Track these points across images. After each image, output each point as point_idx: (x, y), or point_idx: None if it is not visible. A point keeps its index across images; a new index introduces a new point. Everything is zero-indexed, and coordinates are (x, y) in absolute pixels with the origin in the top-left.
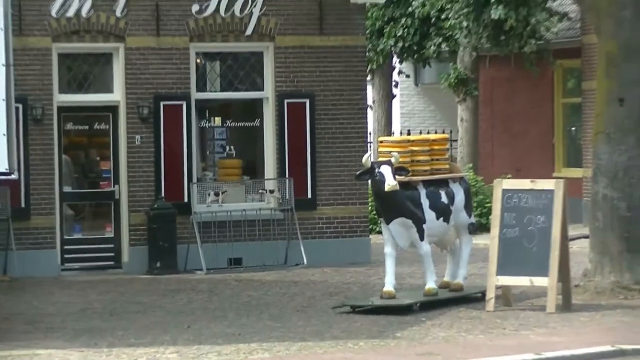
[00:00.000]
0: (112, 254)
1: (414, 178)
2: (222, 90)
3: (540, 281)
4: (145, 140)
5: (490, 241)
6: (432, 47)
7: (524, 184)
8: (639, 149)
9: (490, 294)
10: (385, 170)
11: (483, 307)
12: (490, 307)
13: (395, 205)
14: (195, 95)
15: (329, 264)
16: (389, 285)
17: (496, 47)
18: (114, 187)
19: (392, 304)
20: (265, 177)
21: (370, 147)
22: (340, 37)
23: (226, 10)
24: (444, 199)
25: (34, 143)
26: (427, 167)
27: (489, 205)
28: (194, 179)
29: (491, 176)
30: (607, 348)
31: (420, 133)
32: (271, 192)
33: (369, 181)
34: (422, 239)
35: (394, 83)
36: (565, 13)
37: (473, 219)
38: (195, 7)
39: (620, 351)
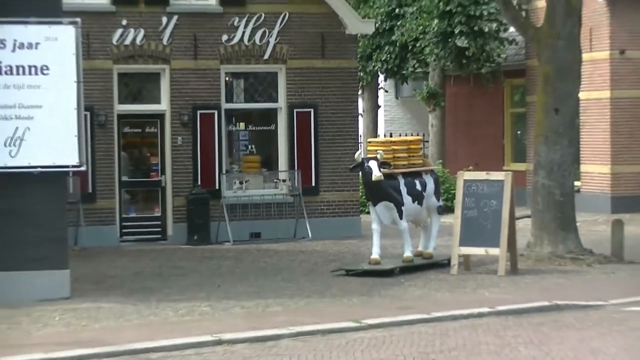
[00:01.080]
0: (159, 229)
1: (395, 170)
2: (246, 101)
3: (493, 251)
4: (185, 140)
5: (454, 220)
6: (409, 69)
7: (481, 175)
8: (569, 148)
9: (454, 261)
10: (373, 164)
11: (448, 272)
12: (454, 271)
13: (380, 192)
14: (224, 105)
15: (328, 238)
16: (375, 254)
17: (459, 69)
18: (160, 177)
19: (378, 268)
20: (279, 170)
21: (360, 146)
22: (338, 60)
23: (249, 39)
24: (418, 186)
25: (98, 143)
26: (405, 162)
27: (453, 191)
28: (223, 171)
29: (455, 169)
30: (545, 303)
31: (400, 135)
32: (283, 181)
33: (360, 173)
34: (401, 218)
35: (379, 97)
36: (513, 39)
37: (441, 203)
38: (224, 37)
39: (555, 306)
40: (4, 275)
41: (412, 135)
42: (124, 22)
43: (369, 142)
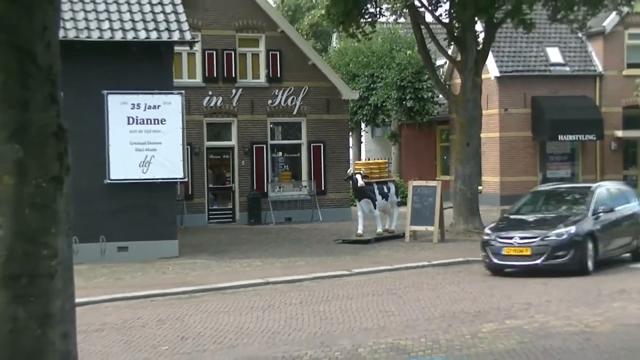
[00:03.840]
0: (231, 216)
1: (371, 180)
2: (282, 139)
3: (430, 228)
4: (246, 163)
5: (406, 209)
6: (379, 120)
7: (422, 183)
8: (475, 167)
9: (407, 234)
10: (358, 177)
11: (404, 240)
12: (407, 240)
13: (362, 193)
14: (269, 141)
15: (332, 221)
16: (359, 230)
17: (409, 120)
18: (231, 184)
19: (361, 239)
20: (302, 180)
21: (350, 165)
22: (336, 115)
23: (284, 102)
24: (385, 190)
25: (195, 164)
26: (377, 175)
27: (406, 193)
28: (269, 181)
29: (407, 179)
30: (461, 259)
31: (374, 159)
32: (305, 186)
33: (350, 182)
34: (375, 208)
35: (362, 136)
36: (442, 102)
37: (399, 199)
38: (269, 101)
39: (467, 260)
40: (142, 243)
41: (381, 159)
42: (210, 92)
43: (356, 164)
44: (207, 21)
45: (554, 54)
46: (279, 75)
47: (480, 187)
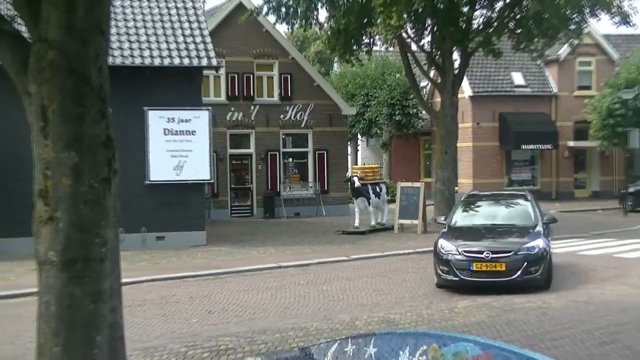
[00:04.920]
0: (249, 211)
1: (366, 182)
2: (292, 147)
3: (415, 221)
4: (262, 167)
5: (395, 206)
6: (373, 132)
7: (408, 183)
8: (452, 171)
9: (396, 227)
10: (355, 179)
11: (393, 232)
12: (396, 232)
13: (359, 192)
14: (282, 149)
15: (333, 215)
16: (356, 223)
17: (398, 131)
18: (250, 185)
19: (358, 230)
20: (308, 181)
21: (349, 169)
22: (337, 127)
23: (293, 117)
24: (378, 190)
25: (219, 168)
26: (371, 178)
27: (395, 192)
28: (281, 182)
29: (396, 181)
30: None
31: (369, 164)
32: (311, 187)
33: (349, 183)
34: (369, 205)
35: (358, 145)
36: (425, 117)
37: (389, 198)
38: (282, 116)
39: None
40: (176, 234)
41: (374, 164)
42: (232, 108)
43: (353, 168)
44: (230, 50)
45: (518, 78)
46: (289, 95)
47: (456, 188)
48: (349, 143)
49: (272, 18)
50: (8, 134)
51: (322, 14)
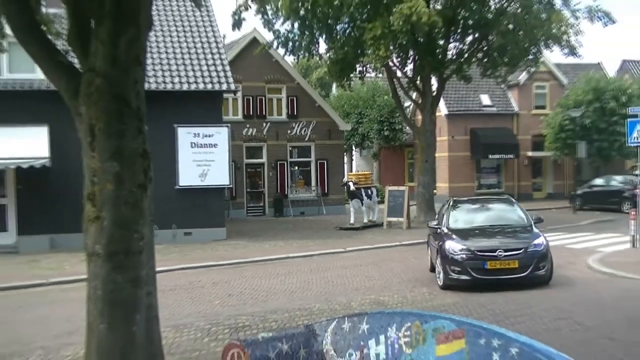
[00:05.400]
0: (262, 210)
1: (359, 186)
2: (298, 157)
3: (401, 219)
4: (273, 174)
5: (384, 206)
6: (365, 144)
7: (395, 187)
8: (432, 177)
9: (385, 224)
10: (350, 183)
11: (382, 228)
12: (385, 227)
13: (353, 195)
14: (289, 159)
15: (332, 214)
16: (351, 220)
17: (386, 144)
18: (263, 189)
19: (352, 226)
20: (312, 185)
21: (345, 176)
22: (336, 140)
23: (299, 132)
24: (370, 192)
25: (237, 175)
26: (364, 182)
27: (384, 195)
28: (289, 186)
29: (385, 184)
30: (421, 240)
31: (362, 171)
32: (313, 190)
33: (345, 187)
34: (362, 205)
35: (353, 155)
36: (409, 132)
37: (379, 199)
38: (289, 131)
39: (425, 242)
40: (201, 230)
41: (366, 171)
42: (247, 125)
43: (349, 174)
44: (246, 76)
45: (485, 99)
46: (295, 114)
47: (435, 191)
48: (345, 154)
49: (281, 50)
50: (64, 149)
51: (322, 47)
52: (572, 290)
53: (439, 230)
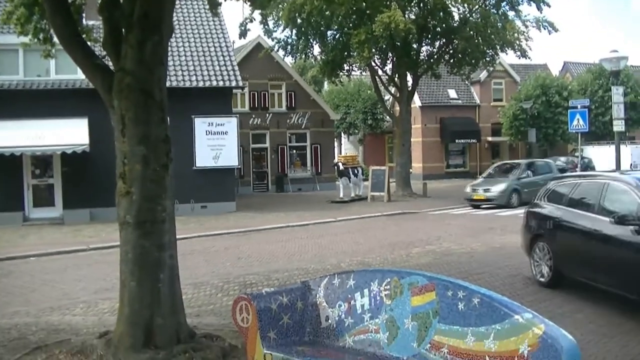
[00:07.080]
0: (266, 187)
1: (347, 166)
2: (296, 142)
3: (382, 193)
4: (275, 157)
5: (368, 183)
6: (352, 131)
7: (377, 167)
8: (408, 158)
9: (369, 198)
10: (340, 164)
11: (367, 201)
12: (369, 201)
13: (342, 174)
14: (288, 144)
15: (326, 190)
16: (341, 195)
17: (370, 131)
18: (266, 169)
19: (342, 200)
20: (307, 166)
21: (336, 157)
22: (327, 128)
23: (296, 121)
24: (356, 171)
25: (245, 158)
26: (351, 163)
27: (368, 173)
28: (288, 166)
29: (369, 165)
30: (400, 211)
31: (350, 154)
32: (309, 170)
33: (335, 167)
34: (350, 182)
35: (342, 140)
36: (389, 121)
37: (364, 177)
38: (288, 120)
39: (403, 212)
40: (215, 204)
41: (353, 154)
42: (253, 116)
43: (339, 156)
44: (252, 74)
45: (452, 93)
46: (293, 106)
47: (410, 170)
48: (335, 139)
49: (281, 53)
50: (100, 137)
51: (316, 50)
52: (521, 252)
53: None
